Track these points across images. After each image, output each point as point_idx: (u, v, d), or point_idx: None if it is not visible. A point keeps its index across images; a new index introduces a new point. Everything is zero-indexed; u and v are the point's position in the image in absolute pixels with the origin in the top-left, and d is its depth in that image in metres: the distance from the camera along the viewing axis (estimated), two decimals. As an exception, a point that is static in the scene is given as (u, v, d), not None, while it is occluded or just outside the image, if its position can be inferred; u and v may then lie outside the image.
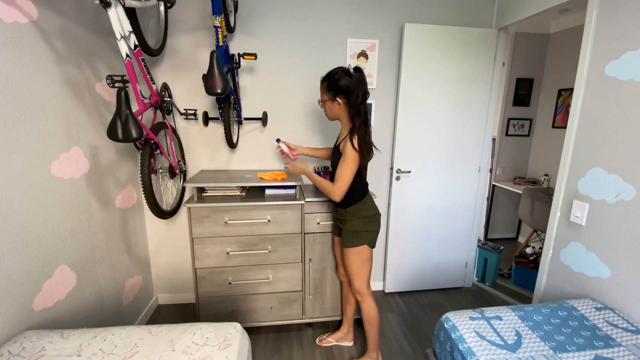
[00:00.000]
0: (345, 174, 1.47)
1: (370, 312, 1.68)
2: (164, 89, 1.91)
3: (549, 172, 3.28)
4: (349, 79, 1.43)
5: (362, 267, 1.64)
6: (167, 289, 2.39)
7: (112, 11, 1.21)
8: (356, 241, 1.61)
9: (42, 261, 1.29)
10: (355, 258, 1.63)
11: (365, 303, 1.68)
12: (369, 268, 1.67)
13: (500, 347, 1.15)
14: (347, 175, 1.48)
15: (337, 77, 1.45)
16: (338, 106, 1.50)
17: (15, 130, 1.17)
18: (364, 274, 1.65)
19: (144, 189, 1.48)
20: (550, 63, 3.32)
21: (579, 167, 1.61)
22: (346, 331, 1.98)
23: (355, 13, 2.16)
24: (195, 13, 2.01)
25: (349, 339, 1.98)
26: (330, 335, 1.99)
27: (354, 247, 1.61)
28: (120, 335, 1.14)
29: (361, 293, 1.67)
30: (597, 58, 1.52)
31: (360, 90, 1.44)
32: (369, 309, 1.68)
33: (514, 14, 2.13)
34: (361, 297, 1.68)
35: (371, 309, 1.68)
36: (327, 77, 1.50)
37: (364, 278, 1.66)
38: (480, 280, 2.80)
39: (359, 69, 1.47)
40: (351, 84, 1.43)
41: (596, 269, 1.52)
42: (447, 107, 2.32)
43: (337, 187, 1.49)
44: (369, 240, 1.62)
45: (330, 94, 1.49)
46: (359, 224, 1.60)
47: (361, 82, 1.45)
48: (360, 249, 1.61)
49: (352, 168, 1.47)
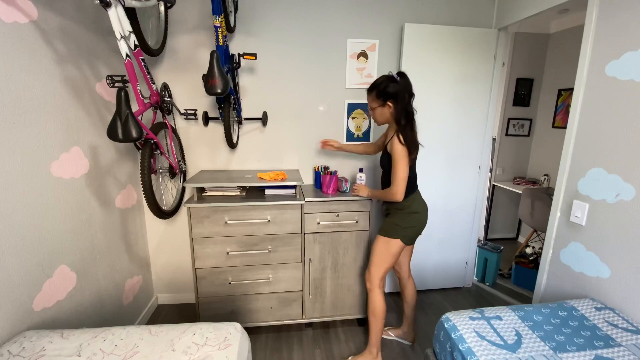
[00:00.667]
0: (399, 172, 1.55)
1: (374, 304, 1.70)
2: (164, 89, 1.91)
3: (549, 172, 3.28)
4: (396, 84, 1.56)
5: (383, 258, 1.67)
6: (167, 289, 2.39)
7: (112, 11, 1.21)
8: (391, 232, 1.65)
9: (42, 261, 1.29)
10: (383, 247, 1.67)
11: (373, 293, 1.70)
12: (391, 263, 1.69)
13: (500, 347, 1.15)
14: (402, 172, 1.55)
15: (384, 85, 1.57)
16: (389, 109, 1.60)
17: (15, 130, 1.17)
18: (382, 265, 1.68)
19: (144, 189, 1.48)
20: (550, 63, 3.32)
21: (579, 167, 1.61)
22: (406, 330, 2.00)
23: (355, 13, 2.16)
24: (195, 13, 2.01)
25: (410, 339, 1.99)
26: (392, 329, 2.05)
27: (385, 237, 1.66)
28: (120, 335, 1.14)
29: (372, 282, 1.70)
30: (597, 58, 1.52)
31: (407, 92, 1.57)
32: (374, 300, 1.70)
33: (514, 14, 2.13)
34: (370, 285, 1.70)
35: (377, 301, 1.70)
36: (374, 86, 1.62)
37: (381, 269, 1.68)
38: (480, 280, 2.80)
39: (403, 74, 1.59)
40: (399, 88, 1.56)
41: (596, 269, 1.52)
42: (447, 107, 2.32)
43: (396, 187, 1.57)
44: (404, 236, 1.65)
45: (381, 100, 1.60)
46: (400, 217, 1.66)
47: (407, 85, 1.58)
48: (390, 241, 1.65)
49: (404, 163, 1.55)
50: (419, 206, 1.68)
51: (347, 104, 2.27)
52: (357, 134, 2.34)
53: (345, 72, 2.22)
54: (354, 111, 2.30)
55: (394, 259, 1.69)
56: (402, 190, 1.57)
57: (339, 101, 2.27)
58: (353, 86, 2.25)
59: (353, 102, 2.28)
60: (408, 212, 1.66)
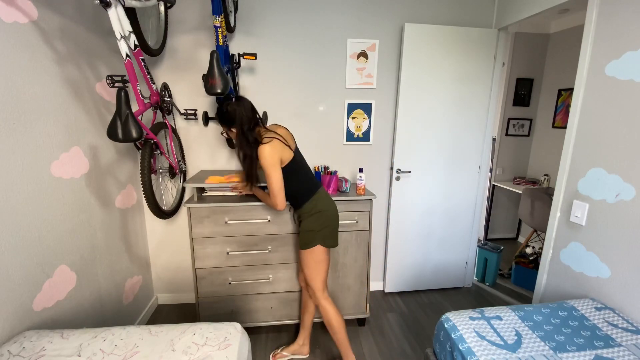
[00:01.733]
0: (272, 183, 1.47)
1: (327, 316, 1.62)
2: (164, 89, 1.91)
3: (549, 172, 3.28)
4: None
5: (315, 270, 1.60)
6: (167, 289, 2.39)
7: (112, 11, 1.21)
8: (309, 242, 1.57)
9: (42, 261, 1.29)
10: (309, 260, 1.59)
11: (321, 307, 1.63)
12: (325, 269, 1.62)
13: (500, 347, 1.15)
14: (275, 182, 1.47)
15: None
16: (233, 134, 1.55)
17: (15, 131, 1.17)
18: (317, 276, 1.61)
19: (144, 189, 1.48)
20: (550, 63, 3.31)
21: (579, 167, 1.61)
22: (302, 343, 1.87)
23: (355, 13, 2.16)
24: (195, 13, 2.01)
25: (305, 352, 1.87)
26: (284, 349, 1.88)
27: (306, 250, 1.58)
28: (120, 335, 1.14)
29: (315, 295, 1.63)
30: (597, 58, 1.52)
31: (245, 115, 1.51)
32: (325, 313, 1.63)
33: (514, 14, 2.13)
34: (316, 300, 1.64)
35: (328, 313, 1.62)
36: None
37: (318, 280, 1.61)
38: (480, 280, 2.80)
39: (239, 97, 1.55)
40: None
41: (596, 269, 1.52)
42: (447, 107, 2.32)
43: (274, 198, 1.49)
44: (323, 238, 1.57)
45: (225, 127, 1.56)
46: (311, 221, 1.57)
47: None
48: (312, 250, 1.57)
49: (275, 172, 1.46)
50: (324, 204, 1.59)
51: (347, 104, 2.27)
52: (357, 134, 2.34)
53: (345, 72, 2.22)
54: (354, 111, 2.30)
55: (326, 264, 1.61)
56: (280, 200, 1.49)
57: (339, 101, 2.27)
58: (353, 86, 2.25)
59: (353, 102, 2.28)
60: (316, 213, 1.57)
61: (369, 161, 2.39)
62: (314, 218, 1.57)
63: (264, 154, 1.43)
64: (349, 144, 2.35)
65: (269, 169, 1.46)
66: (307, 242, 1.58)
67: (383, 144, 2.38)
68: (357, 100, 2.28)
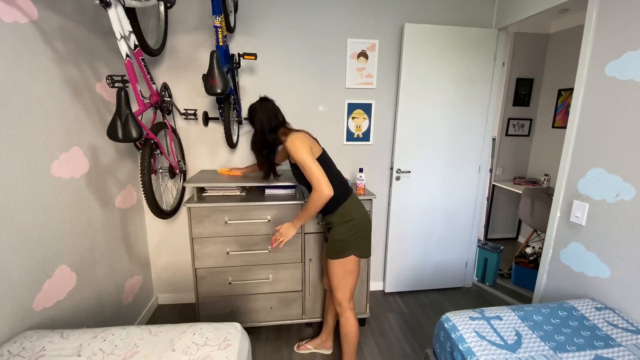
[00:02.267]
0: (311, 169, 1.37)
1: (347, 327, 1.57)
2: (164, 89, 1.91)
3: (549, 172, 3.28)
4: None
5: (345, 280, 1.52)
6: (167, 289, 2.39)
7: (112, 11, 1.21)
8: (341, 252, 1.49)
9: (42, 261, 1.29)
10: (339, 270, 1.51)
11: (344, 317, 1.57)
12: (354, 280, 1.55)
13: (500, 347, 1.15)
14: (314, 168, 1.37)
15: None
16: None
17: (15, 131, 1.17)
18: (346, 287, 1.54)
19: (144, 189, 1.48)
20: (550, 63, 3.31)
21: (579, 167, 1.61)
22: (324, 338, 1.92)
23: (355, 13, 2.16)
24: (195, 13, 2.01)
25: (328, 346, 1.91)
26: (309, 342, 1.94)
27: (337, 259, 1.50)
28: (120, 335, 1.14)
29: (341, 305, 1.56)
30: (597, 58, 1.52)
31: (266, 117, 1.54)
32: (346, 323, 1.57)
33: (514, 14, 2.13)
34: (341, 309, 1.57)
35: (349, 324, 1.56)
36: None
37: (347, 291, 1.54)
38: (480, 280, 2.80)
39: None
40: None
41: (596, 269, 1.52)
42: (447, 107, 2.32)
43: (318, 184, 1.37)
44: (357, 248, 1.50)
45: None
46: (342, 231, 1.49)
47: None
48: (344, 260, 1.50)
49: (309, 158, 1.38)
50: (357, 212, 1.51)
51: (347, 104, 2.27)
52: (357, 133, 2.34)
53: (345, 72, 2.22)
54: (354, 111, 2.30)
55: (356, 274, 1.54)
56: (325, 183, 1.35)
57: (339, 101, 2.27)
58: (353, 86, 2.25)
59: (353, 102, 2.28)
60: (348, 221, 1.48)
61: (369, 161, 2.39)
62: (347, 227, 1.49)
63: (295, 143, 1.38)
64: (349, 144, 2.35)
65: (303, 156, 1.36)
66: (338, 251, 1.50)
67: (383, 144, 2.38)
68: (357, 100, 2.28)
